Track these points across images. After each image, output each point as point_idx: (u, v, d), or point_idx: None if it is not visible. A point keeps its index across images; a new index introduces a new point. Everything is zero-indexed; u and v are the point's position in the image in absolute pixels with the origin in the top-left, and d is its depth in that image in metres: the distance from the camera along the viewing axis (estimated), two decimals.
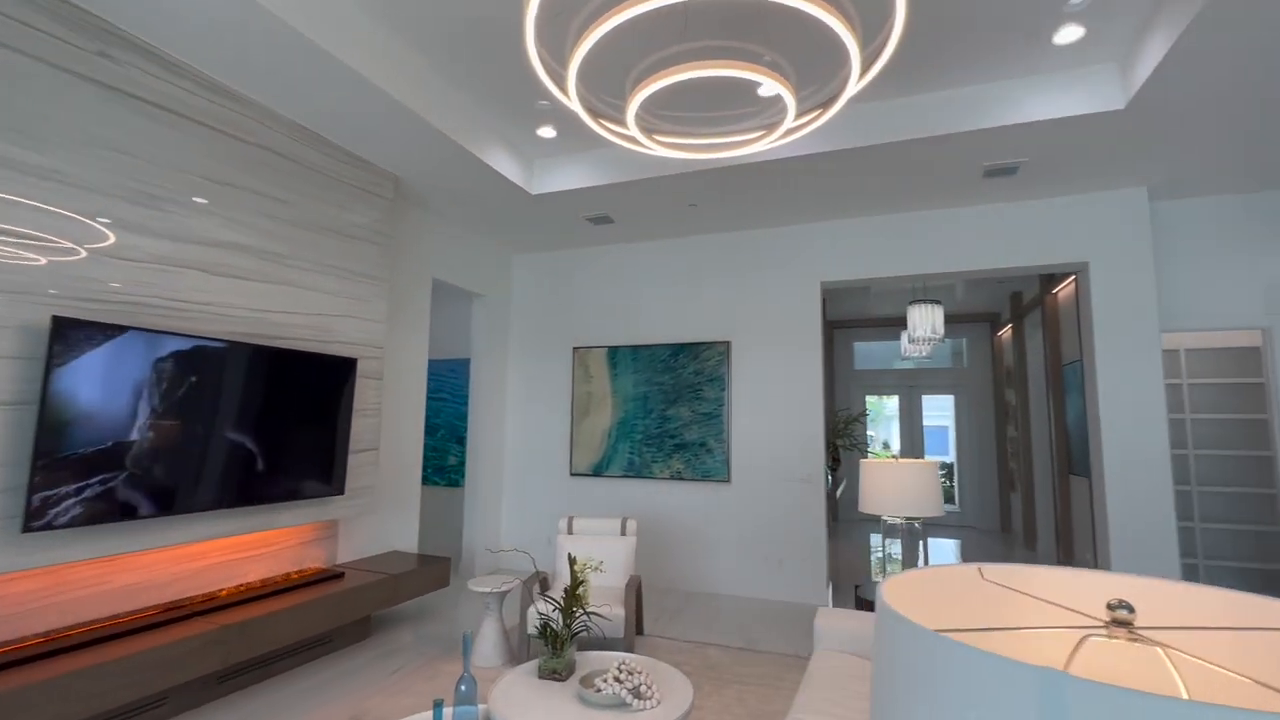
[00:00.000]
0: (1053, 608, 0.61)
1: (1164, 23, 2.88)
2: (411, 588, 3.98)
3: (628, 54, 3.27)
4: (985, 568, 0.73)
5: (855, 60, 1.96)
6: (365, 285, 4.03)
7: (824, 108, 2.17)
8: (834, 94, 2.16)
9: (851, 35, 1.90)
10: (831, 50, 3.20)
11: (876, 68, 1.96)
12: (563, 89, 2.28)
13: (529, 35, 2.19)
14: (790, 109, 2.12)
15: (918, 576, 0.70)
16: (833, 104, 2.11)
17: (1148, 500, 4.13)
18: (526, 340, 6.15)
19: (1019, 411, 7.49)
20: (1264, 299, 4.29)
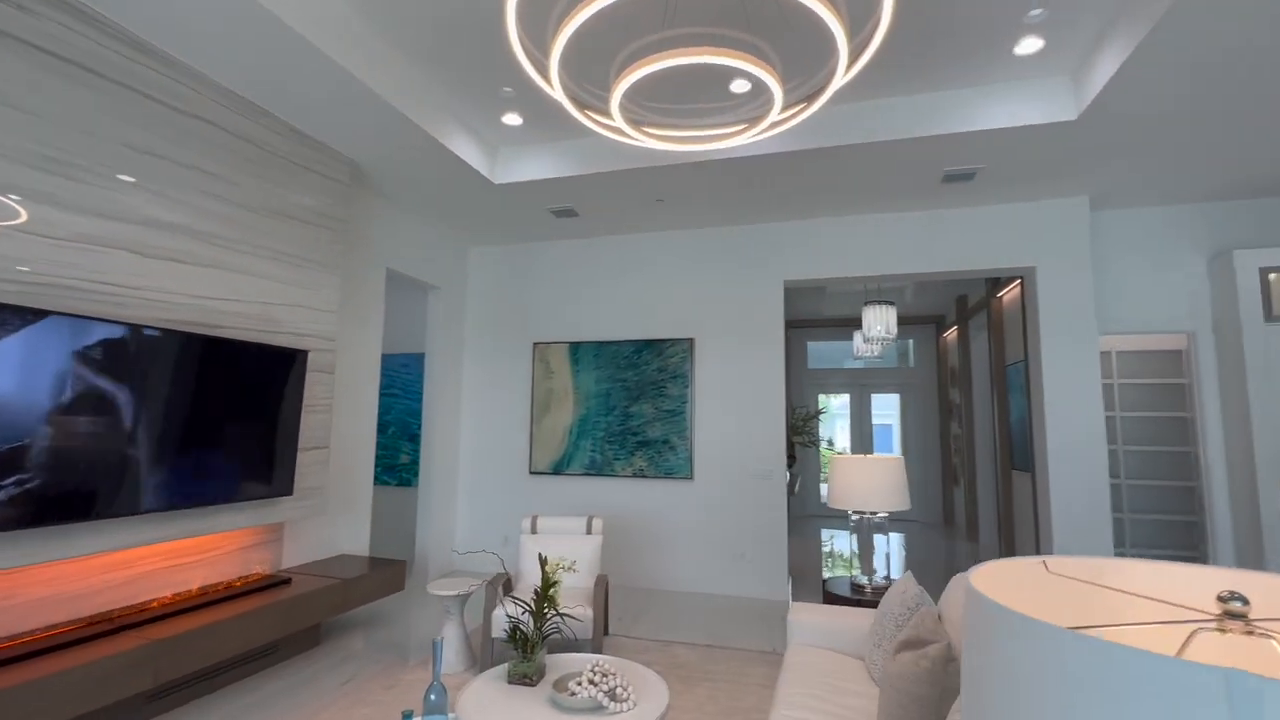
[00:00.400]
0: (1142, 601, 0.59)
1: (1115, 42, 3.02)
2: (364, 592, 3.78)
3: (610, 42, 3.19)
4: (1050, 560, 0.70)
5: (843, 51, 1.95)
6: (316, 273, 3.80)
7: (808, 101, 2.16)
8: (819, 88, 2.16)
9: (839, 23, 1.88)
10: (816, 43, 3.22)
11: (864, 59, 1.95)
12: (545, 77, 2.18)
13: (510, 20, 2.08)
14: (777, 100, 2.09)
15: (988, 572, 0.67)
16: (819, 96, 2.10)
17: (1086, 492, 4.36)
18: (484, 335, 5.97)
19: (963, 410, 7.81)
20: (1189, 305, 4.60)
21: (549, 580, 2.71)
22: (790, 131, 3.89)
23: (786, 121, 2.25)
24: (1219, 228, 4.56)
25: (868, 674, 2.35)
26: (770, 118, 2.17)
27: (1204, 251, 4.59)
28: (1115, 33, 3.02)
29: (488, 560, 5.68)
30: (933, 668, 1.65)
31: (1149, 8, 2.73)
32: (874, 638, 2.37)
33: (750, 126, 2.29)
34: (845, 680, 2.28)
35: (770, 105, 2.13)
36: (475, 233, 5.70)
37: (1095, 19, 3.05)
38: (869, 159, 4.02)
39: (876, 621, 2.42)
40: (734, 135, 2.36)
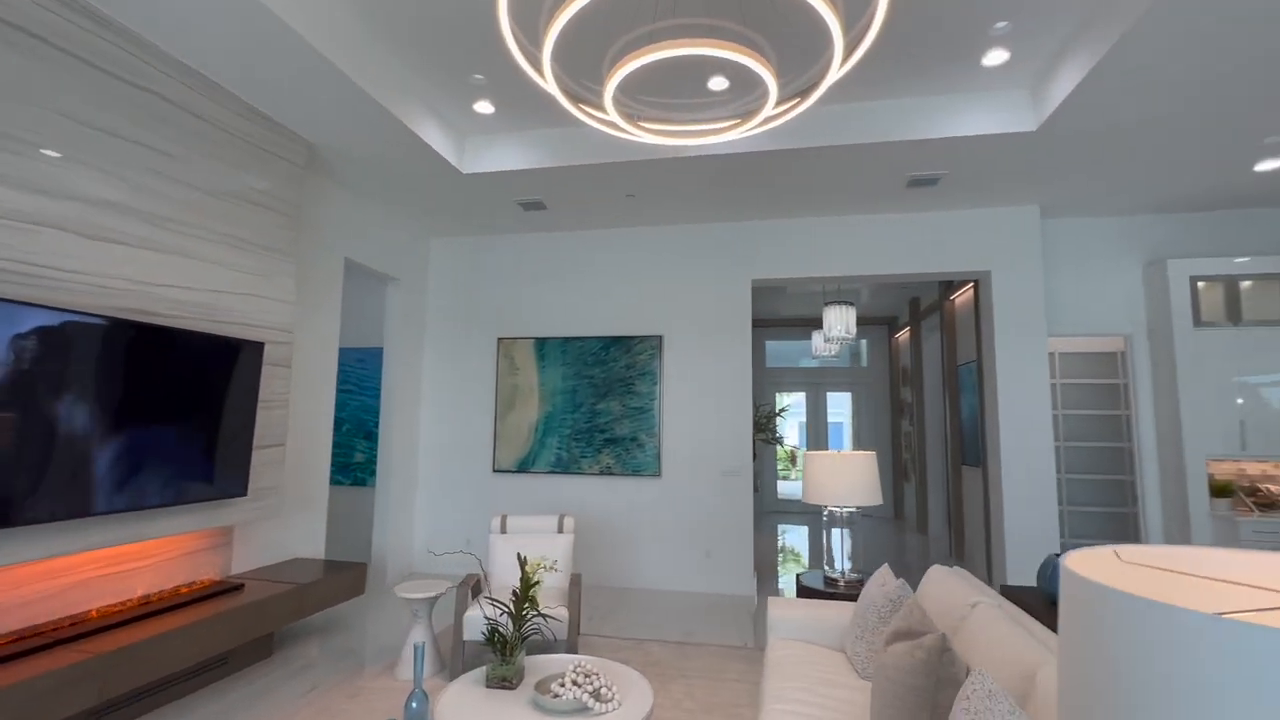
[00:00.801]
0: (1230, 587, 0.60)
1: (1073, 60, 3.17)
2: (323, 597, 3.61)
3: (600, 33, 3.13)
4: (1121, 550, 0.71)
5: (838, 45, 1.95)
6: (271, 261, 3.58)
7: (802, 96, 2.17)
8: (812, 83, 2.17)
9: (835, 16, 1.89)
10: (808, 39, 3.25)
11: (859, 53, 1.96)
12: (538, 69, 2.11)
13: (502, 11, 2.01)
14: (771, 95, 2.09)
15: (1074, 564, 0.67)
16: (813, 91, 2.11)
17: (1036, 486, 4.59)
18: (446, 329, 5.79)
19: (915, 408, 8.10)
20: (1126, 310, 4.91)
21: (529, 580, 2.64)
22: (765, 131, 3.93)
23: (781, 117, 2.26)
24: (1154, 239, 4.88)
25: (851, 666, 2.39)
26: (764, 112, 2.17)
27: (1140, 260, 4.90)
28: (1074, 52, 3.18)
29: (449, 562, 5.52)
30: (928, 658, 1.69)
31: (1105, 31, 2.89)
32: (856, 630, 2.41)
33: (744, 121, 2.28)
34: (830, 673, 2.31)
35: (765, 100, 2.13)
36: (437, 223, 5.52)
37: (1055, 37, 3.19)
38: (839, 161, 4.10)
39: (857, 614, 2.46)
40: (728, 130, 2.35)
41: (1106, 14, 2.88)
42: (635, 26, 3.08)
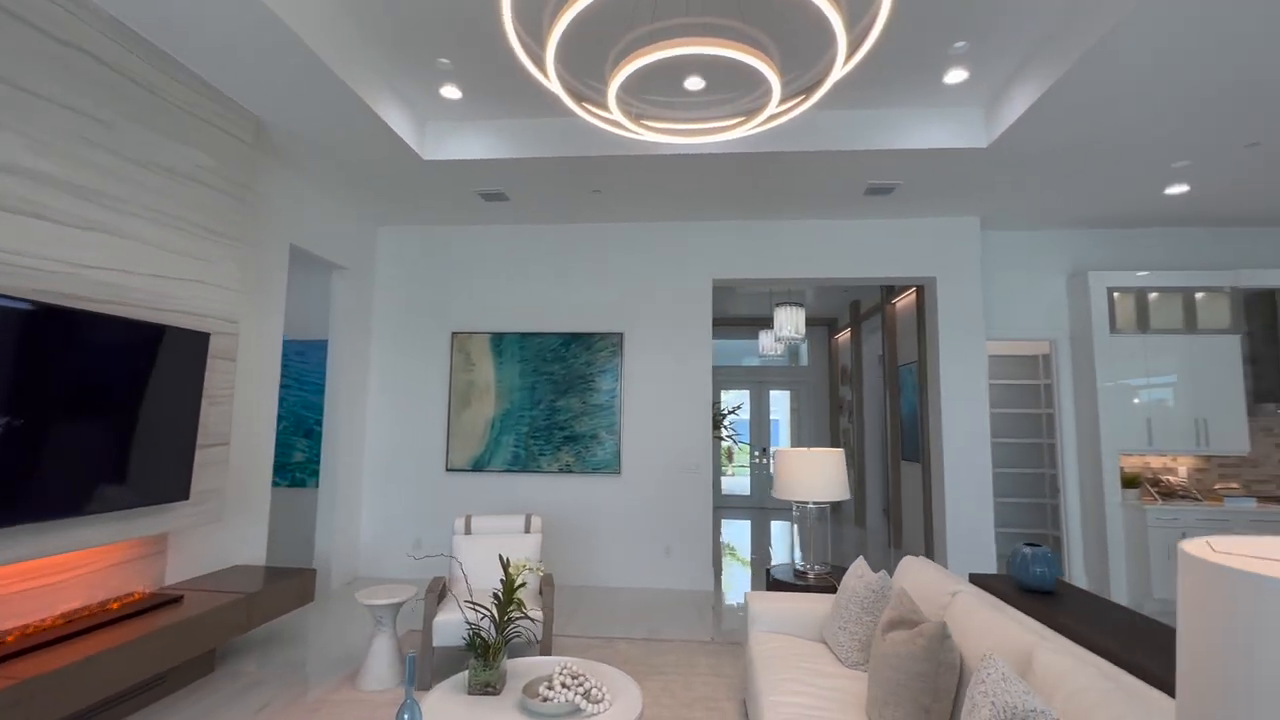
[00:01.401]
0: None
1: (1025, 85, 3.41)
2: (271, 607, 3.37)
3: (602, 32, 3.06)
4: (1213, 541, 0.77)
5: (841, 42, 1.99)
6: (215, 244, 3.30)
7: (806, 94, 2.21)
8: (817, 80, 2.21)
9: (838, 14, 1.93)
10: (806, 36, 3.30)
11: (864, 49, 2.01)
12: (541, 69, 2.06)
13: (505, 11, 1.94)
14: (775, 93, 2.13)
15: (1192, 548, 0.71)
16: (816, 89, 2.16)
17: (974, 479, 4.91)
18: (395, 322, 5.54)
19: (854, 406, 8.47)
20: (1051, 316, 5.33)
21: (512, 582, 2.57)
22: (739, 135, 3.98)
23: (784, 115, 2.29)
24: (1078, 252, 5.32)
25: (834, 656, 2.47)
26: (768, 110, 2.20)
27: (1064, 271, 5.34)
28: (1025, 79, 3.41)
29: (399, 566, 5.29)
30: (929, 645, 1.77)
31: (1052, 67, 3.13)
32: (838, 621, 2.50)
33: (748, 119, 2.31)
34: (816, 663, 2.38)
35: (768, 99, 2.16)
36: (389, 211, 5.26)
37: (1010, 62, 3.41)
38: (805, 166, 4.22)
39: (838, 606, 2.55)
40: (732, 128, 2.36)
41: (1054, 51, 3.11)
42: (634, 25, 3.04)
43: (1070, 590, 2.73)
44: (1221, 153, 3.88)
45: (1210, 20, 2.64)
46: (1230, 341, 4.90)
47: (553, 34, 2.11)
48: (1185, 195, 4.54)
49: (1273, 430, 5.12)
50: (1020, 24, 3.11)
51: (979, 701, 1.41)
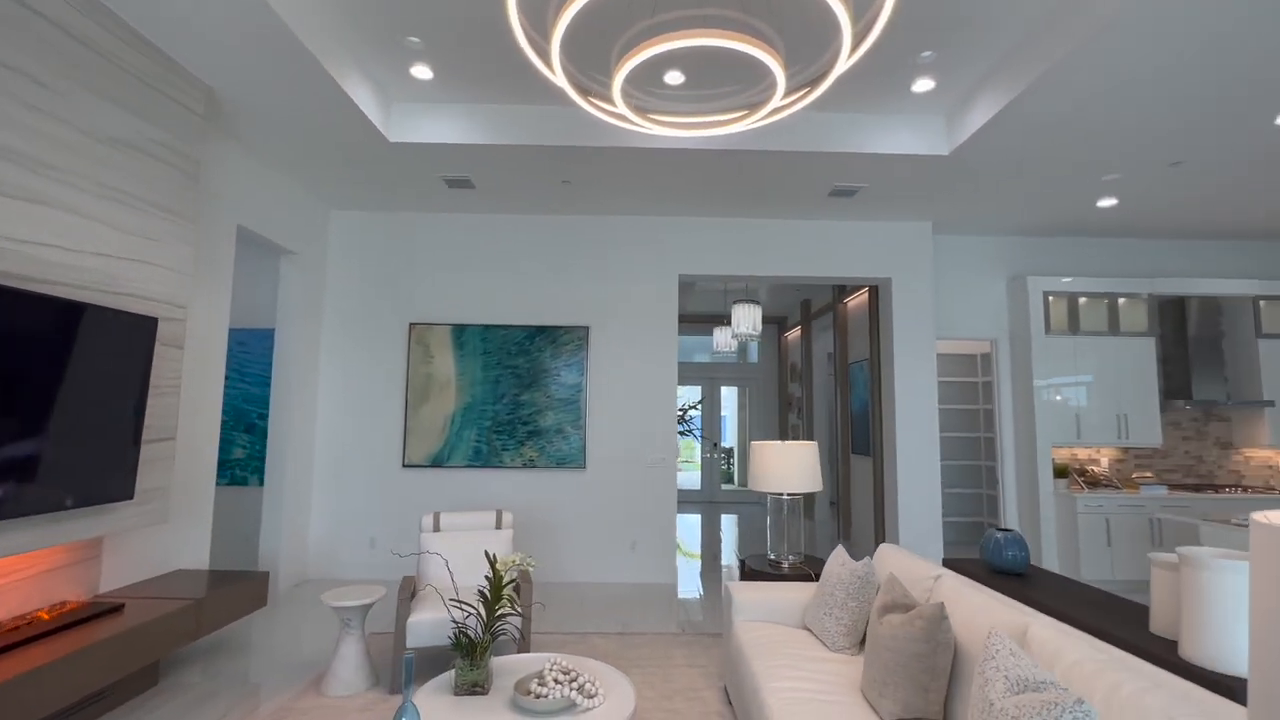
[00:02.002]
0: None
1: (985, 99, 3.61)
2: (222, 613, 3.16)
3: (603, 25, 3.00)
4: (1270, 514, 0.84)
5: (846, 34, 2.03)
6: (164, 222, 3.05)
7: (811, 86, 2.25)
8: (821, 73, 2.26)
9: (844, 7, 1.97)
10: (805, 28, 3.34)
11: (870, 40, 2.05)
12: (547, 63, 2.01)
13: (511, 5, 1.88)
14: (780, 86, 2.16)
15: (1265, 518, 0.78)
16: (821, 82, 2.20)
17: (924, 471, 5.17)
18: (349, 311, 5.28)
19: (804, 402, 8.74)
20: (992, 318, 5.67)
21: (500, 579, 2.51)
22: (715, 132, 4.02)
23: (789, 108, 2.33)
24: (1018, 257, 5.68)
25: (819, 642, 2.55)
26: (773, 103, 2.23)
27: (1005, 275, 5.69)
28: (986, 93, 3.60)
29: (351, 566, 5.06)
30: (927, 626, 1.85)
31: (1011, 84, 3.33)
32: (823, 608, 2.57)
33: (751, 113, 2.33)
34: (803, 649, 2.45)
35: (772, 92, 2.20)
36: (344, 194, 5.00)
37: (974, 74, 3.60)
38: (774, 165, 4.30)
39: (822, 593, 2.63)
40: (735, 121, 2.38)
41: (1012, 70, 3.31)
42: (635, 18, 3.00)
43: (1038, 572, 2.93)
44: (1148, 170, 4.24)
45: (1146, 55, 2.87)
46: (1146, 343, 5.37)
47: (557, 27, 2.07)
48: (1114, 208, 4.94)
49: (1180, 424, 5.65)
50: (984, 40, 3.28)
51: (991, 676, 1.49)
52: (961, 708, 1.83)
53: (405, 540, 5.07)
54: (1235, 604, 1.61)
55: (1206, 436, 5.63)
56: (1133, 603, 2.43)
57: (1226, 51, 2.89)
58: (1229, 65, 3.00)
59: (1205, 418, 5.65)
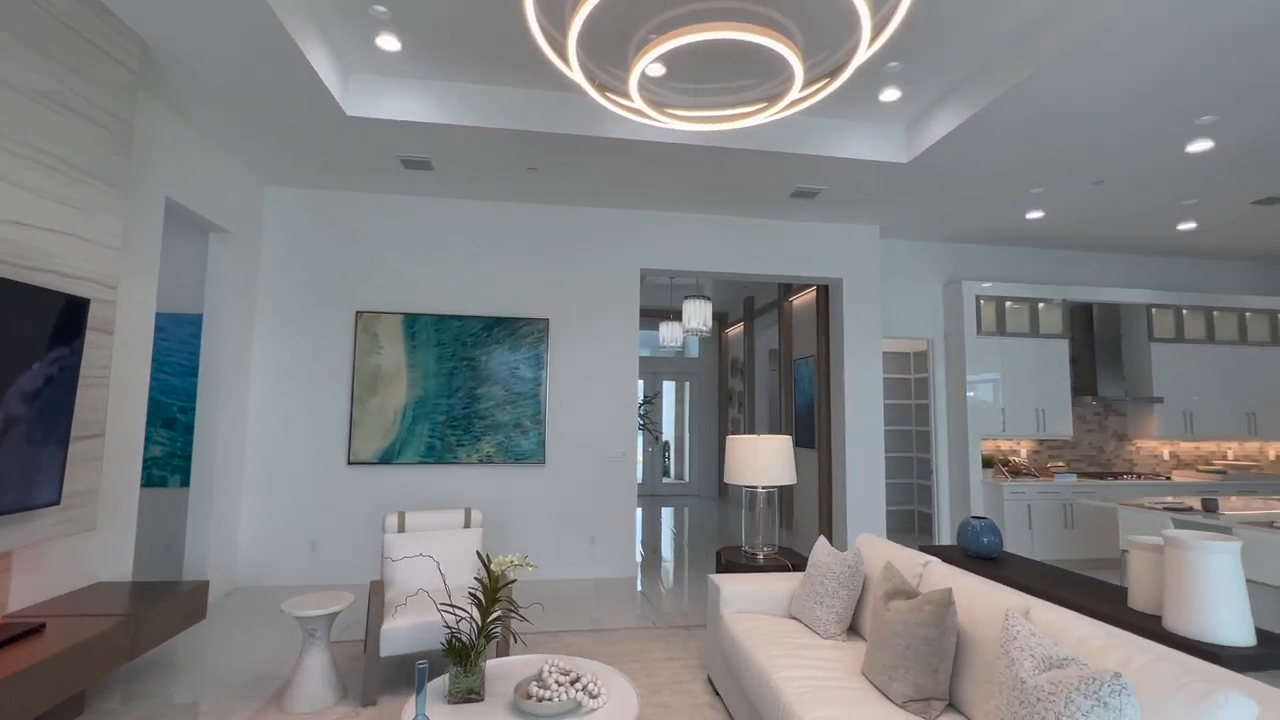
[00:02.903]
0: None
1: (945, 113, 3.83)
2: (158, 629, 2.84)
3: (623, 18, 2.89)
4: None
5: (865, 26, 2.08)
6: (92, 190, 2.69)
7: (831, 77, 2.28)
8: (840, 64, 2.30)
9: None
10: (828, 20, 3.36)
11: (888, 31, 2.10)
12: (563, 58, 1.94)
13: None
14: (797, 79, 2.18)
15: None
16: (841, 73, 2.23)
17: (870, 462, 5.44)
18: (287, 296, 4.88)
19: (746, 396, 8.96)
20: (930, 318, 6.05)
21: (496, 581, 2.41)
22: (670, 129, 4.02)
23: (808, 99, 2.35)
24: (954, 262, 6.08)
25: (809, 630, 2.62)
26: (791, 95, 2.25)
27: (941, 279, 6.07)
28: (946, 106, 3.82)
29: (289, 573, 4.70)
30: (937, 611, 1.95)
31: (968, 104, 3.56)
32: (813, 597, 2.65)
33: (770, 105, 2.34)
34: (796, 638, 2.51)
35: (790, 84, 2.22)
36: (281, 169, 4.61)
37: (935, 89, 3.80)
38: (741, 163, 4.36)
39: (811, 583, 2.71)
40: (754, 114, 2.39)
41: (970, 91, 3.53)
42: (648, 11, 2.93)
43: (1009, 556, 3.16)
44: (1074, 187, 4.65)
45: (1085, 87, 3.14)
46: (1061, 345, 5.90)
47: (574, 23, 2.00)
48: (1041, 220, 5.38)
49: (1085, 419, 6.26)
50: (949, 57, 3.47)
51: (1017, 656, 1.58)
52: (965, 686, 1.94)
53: (352, 543, 4.77)
54: (1217, 580, 1.81)
55: (1106, 429, 6.28)
56: (1105, 582, 2.67)
57: (1150, 85, 3.21)
58: (1151, 97, 3.33)
59: (1106, 412, 6.29)
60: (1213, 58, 2.99)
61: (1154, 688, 1.42)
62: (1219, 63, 3.03)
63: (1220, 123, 3.63)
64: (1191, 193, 4.73)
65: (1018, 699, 1.50)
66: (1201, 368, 6.10)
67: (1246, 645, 1.84)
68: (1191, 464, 6.37)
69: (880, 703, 1.96)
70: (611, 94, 2.34)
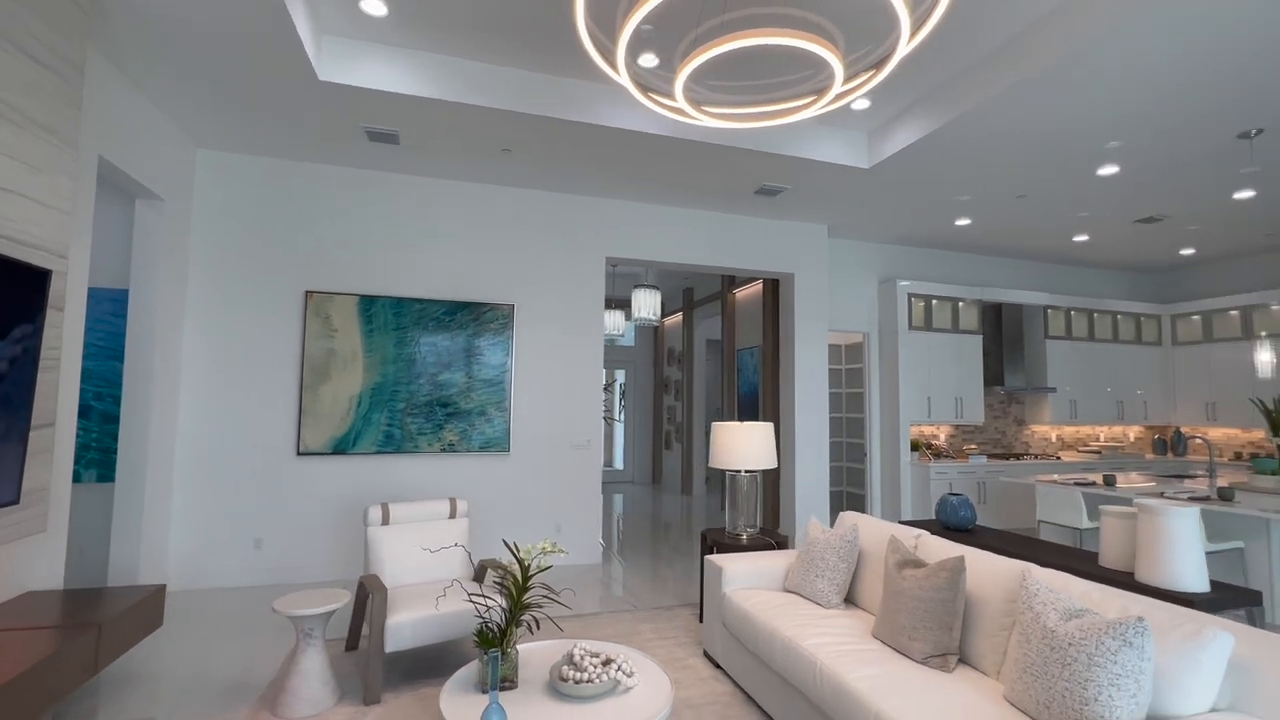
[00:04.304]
0: None
1: (907, 126, 4.16)
2: (121, 640, 2.57)
3: (669, 22, 2.85)
4: None
5: (904, 24, 2.24)
6: (44, 144, 2.36)
7: (876, 69, 2.41)
8: (885, 55, 2.45)
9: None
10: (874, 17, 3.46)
11: (931, 24, 2.27)
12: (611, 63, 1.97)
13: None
14: (837, 77, 2.32)
15: None
16: (885, 65, 2.37)
17: (817, 446, 5.81)
18: (225, 273, 4.45)
19: (684, 385, 9.21)
20: (866, 313, 6.52)
21: (526, 569, 2.40)
22: (652, 116, 4.08)
23: (854, 92, 2.47)
24: (889, 262, 6.58)
25: (811, 602, 2.82)
26: (834, 90, 2.37)
27: (878, 277, 6.56)
28: (911, 118, 4.15)
29: (229, 573, 4.33)
30: (951, 576, 2.18)
31: (931, 117, 3.89)
32: (812, 571, 2.85)
33: (817, 99, 2.46)
34: (803, 609, 2.69)
35: (832, 81, 2.35)
36: (221, 132, 4.19)
37: (901, 100, 4.11)
38: (714, 157, 4.48)
39: (809, 559, 2.90)
40: (800, 110, 2.49)
41: (930, 109, 3.87)
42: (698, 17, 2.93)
43: (980, 528, 3.53)
44: (999, 199, 5.19)
45: (1021, 117, 3.55)
46: (976, 340, 6.57)
47: (623, 32, 2.02)
48: (968, 227, 5.95)
49: (993, 406, 7.02)
50: (914, 75, 3.77)
51: (1040, 609, 1.83)
52: (972, 640, 2.19)
53: (303, 539, 4.47)
54: (1181, 539, 2.17)
55: (1009, 415, 7.08)
56: (1069, 547, 3.07)
57: (1072, 117, 3.67)
58: (1072, 125, 3.81)
59: (1009, 400, 7.09)
60: (1130, 95, 3.47)
61: (1155, 629, 1.70)
62: (1131, 99, 3.52)
63: (1123, 148, 4.19)
64: (1089, 209, 5.42)
65: (1049, 645, 1.74)
66: (1084, 362, 7.02)
67: (1204, 591, 2.23)
68: (1074, 445, 7.33)
69: (903, 661, 2.17)
70: (655, 94, 2.37)
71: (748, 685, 2.74)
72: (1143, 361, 7.32)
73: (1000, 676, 2.06)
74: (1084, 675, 1.62)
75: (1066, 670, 1.66)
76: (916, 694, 1.91)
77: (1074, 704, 1.62)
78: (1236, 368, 6.66)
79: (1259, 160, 4.34)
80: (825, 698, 2.09)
